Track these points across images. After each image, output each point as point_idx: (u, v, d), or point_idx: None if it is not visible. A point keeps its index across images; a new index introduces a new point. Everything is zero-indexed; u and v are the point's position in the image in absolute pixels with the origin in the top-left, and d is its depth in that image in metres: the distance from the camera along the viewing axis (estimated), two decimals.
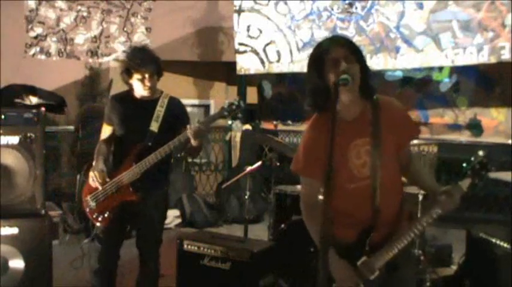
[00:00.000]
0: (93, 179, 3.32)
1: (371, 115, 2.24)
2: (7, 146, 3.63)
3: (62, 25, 6.56)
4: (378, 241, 2.22)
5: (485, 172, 2.18)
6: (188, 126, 3.19)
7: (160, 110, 3.38)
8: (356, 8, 5.75)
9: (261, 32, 6.38)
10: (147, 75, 3.30)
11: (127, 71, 3.32)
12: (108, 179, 3.32)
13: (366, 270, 2.19)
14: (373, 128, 2.21)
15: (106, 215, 3.36)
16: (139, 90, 3.35)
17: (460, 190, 2.18)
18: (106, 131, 3.50)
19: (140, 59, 3.28)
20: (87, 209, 3.44)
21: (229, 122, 3.01)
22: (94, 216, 3.41)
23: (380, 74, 6.75)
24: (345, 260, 2.21)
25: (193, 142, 3.19)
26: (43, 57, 6.48)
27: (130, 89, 3.41)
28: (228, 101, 3.30)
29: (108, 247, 3.47)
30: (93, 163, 3.40)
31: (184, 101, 3.65)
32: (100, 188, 3.32)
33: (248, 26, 6.44)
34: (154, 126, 3.34)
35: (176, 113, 3.42)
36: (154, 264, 3.52)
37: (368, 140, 2.21)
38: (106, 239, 3.45)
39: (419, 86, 6.80)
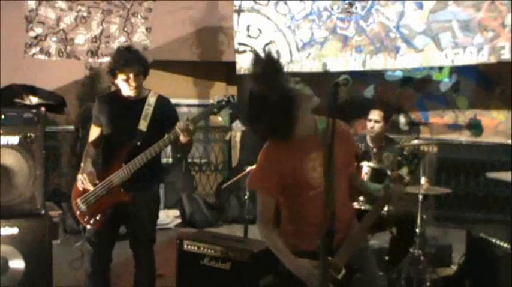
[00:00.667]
0: (82, 182, 3.29)
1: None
2: (7, 146, 3.63)
3: (62, 25, 6.55)
4: (337, 245, 2.34)
5: (417, 161, 2.58)
6: (178, 124, 3.16)
7: (148, 108, 3.34)
8: (356, 8, 5.75)
9: (260, 32, 6.38)
10: (131, 75, 3.26)
11: (112, 72, 3.29)
12: (97, 181, 3.28)
13: (332, 270, 2.29)
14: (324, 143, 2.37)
15: (98, 217, 3.32)
16: (125, 90, 3.32)
17: (402, 177, 2.53)
18: (94, 132, 3.47)
19: (125, 59, 3.25)
20: (78, 213, 3.39)
21: (219, 118, 2.98)
22: (85, 219, 3.36)
23: (380, 74, 6.75)
24: (305, 258, 2.33)
25: (182, 139, 3.16)
26: (43, 57, 6.47)
27: (117, 89, 3.38)
28: (217, 97, 3.26)
29: (100, 249, 3.43)
30: (81, 165, 3.37)
31: (184, 101, 3.64)
32: (90, 190, 3.29)
33: (248, 26, 6.44)
34: (143, 126, 3.31)
35: (165, 112, 3.38)
36: (149, 264, 3.51)
37: (321, 154, 2.39)
38: (98, 242, 3.41)
39: (419, 86, 6.80)
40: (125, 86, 3.30)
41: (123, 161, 3.25)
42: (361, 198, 3.75)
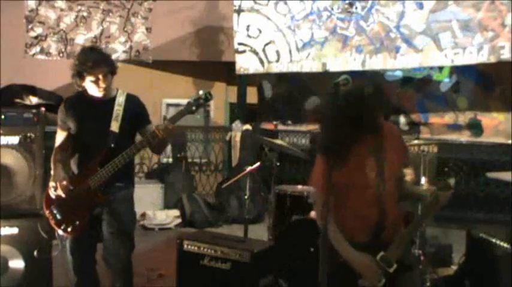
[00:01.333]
0: (55, 189, 3.16)
1: (378, 135, 2.58)
2: (7, 146, 3.64)
3: (62, 25, 6.55)
4: (387, 240, 2.52)
5: (462, 174, 2.62)
6: (157, 125, 3.08)
7: (119, 109, 3.24)
8: (356, 8, 5.74)
9: (260, 32, 6.38)
10: (100, 76, 3.16)
11: (79, 74, 3.18)
12: (71, 187, 3.16)
13: (385, 263, 2.46)
14: (381, 146, 2.57)
15: (76, 224, 3.18)
16: (94, 92, 3.22)
17: (450, 186, 2.62)
18: (60, 136, 3.34)
19: (92, 60, 3.14)
20: (53, 222, 3.25)
21: (198, 116, 2.94)
22: (62, 227, 3.21)
23: (380, 74, 6.75)
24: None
25: (161, 139, 3.06)
26: (43, 57, 6.47)
27: (84, 91, 3.26)
28: (193, 96, 3.15)
29: (82, 255, 3.29)
30: (52, 172, 3.25)
31: (184, 101, 3.58)
32: (64, 197, 3.16)
33: (248, 26, 6.44)
34: (114, 127, 3.20)
35: (136, 111, 3.29)
36: (128, 271, 3.33)
37: (379, 156, 2.55)
38: (79, 248, 3.27)
39: (419, 86, 6.80)
40: (94, 88, 3.20)
41: (98, 165, 3.14)
42: None
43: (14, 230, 3.64)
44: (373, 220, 2.54)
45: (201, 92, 3.12)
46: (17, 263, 3.63)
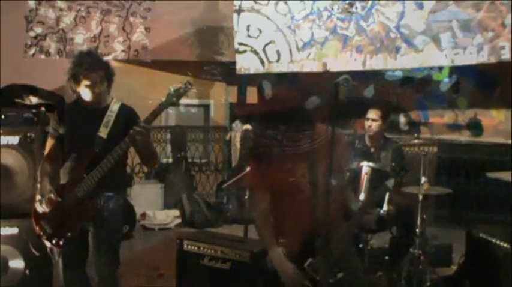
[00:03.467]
0: (42, 203, 3.09)
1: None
2: (7, 146, 3.64)
3: (62, 25, 6.55)
4: (320, 246, 2.49)
5: (404, 173, 2.71)
6: (139, 122, 3.02)
7: (110, 115, 3.17)
8: (356, 8, 5.74)
9: (260, 31, 6.38)
10: (96, 81, 3.10)
11: (74, 78, 3.12)
12: (59, 199, 3.08)
13: (312, 271, 2.46)
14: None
15: (68, 236, 3.09)
16: (88, 97, 3.14)
17: (387, 188, 2.70)
18: (50, 145, 3.28)
19: (88, 64, 3.09)
20: (44, 237, 3.15)
21: (182, 110, 2.91)
22: (54, 241, 3.12)
23: (380, 74, 6.75)
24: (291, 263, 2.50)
25: (142, 136, 2.99)
26: (43, 57, 6.47)
27: (78, 98, 3.22)
28: (172, 87, 3.08)
29: (77, 268, 3.20)
30: (38, 185, 3.19)
31: (184, 101, 3.54)
32: (52, 210, 3.08)
33: (248, 26, 6.44)
34: (103, 132, 3.12)
35: (128, 120, 3.17)
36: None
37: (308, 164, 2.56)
38: (72, 260, 3.19)
39: (419, 86, 6.79)
40: (88, 93, 3.13)
41: (85, 171, 3.06)
42: None
43: (14, 230, 3.65)
44: (305, 227, 2.51)
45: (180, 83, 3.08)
46: (17, 263, 3.63)
